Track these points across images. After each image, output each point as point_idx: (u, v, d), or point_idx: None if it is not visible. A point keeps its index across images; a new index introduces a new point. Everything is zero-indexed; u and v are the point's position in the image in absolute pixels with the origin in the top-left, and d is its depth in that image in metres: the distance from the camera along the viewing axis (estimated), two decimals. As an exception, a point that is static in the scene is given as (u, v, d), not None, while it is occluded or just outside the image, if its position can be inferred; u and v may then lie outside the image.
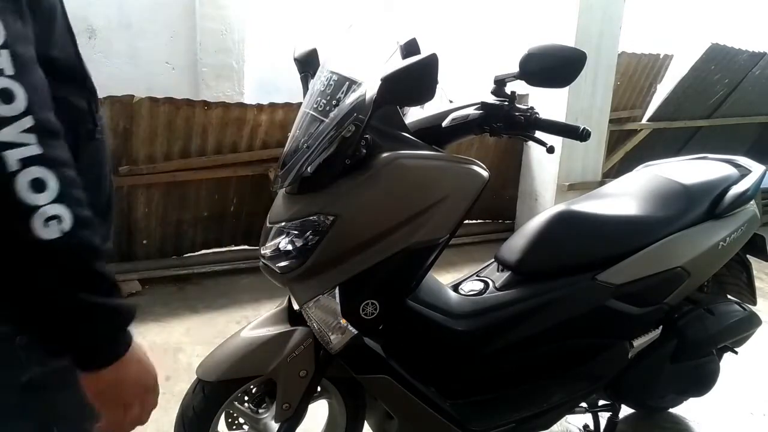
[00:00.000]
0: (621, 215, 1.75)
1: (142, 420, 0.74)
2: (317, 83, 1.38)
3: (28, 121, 0.60)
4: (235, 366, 1.42)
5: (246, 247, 3.56)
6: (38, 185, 0.60)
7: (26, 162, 0.59)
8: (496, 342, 1.58)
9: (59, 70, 0.71)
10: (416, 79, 1.20)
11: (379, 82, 1.17)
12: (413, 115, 1.53)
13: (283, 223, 1.36)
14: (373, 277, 1.33)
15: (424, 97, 1.24)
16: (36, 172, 0.60)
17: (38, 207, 0.60)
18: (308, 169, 1.28)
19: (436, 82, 1.20)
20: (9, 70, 0.60)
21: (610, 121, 4.20)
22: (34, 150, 0.60)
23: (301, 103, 1.44)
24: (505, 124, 1.41)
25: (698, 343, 1.83)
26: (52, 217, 0.60)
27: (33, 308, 0.63)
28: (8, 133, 0.59)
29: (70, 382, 0.71)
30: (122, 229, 3.13)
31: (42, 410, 0.75)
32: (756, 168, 1.94)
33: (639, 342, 1.75)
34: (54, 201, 0.61)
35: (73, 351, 0.67)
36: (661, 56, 4.37)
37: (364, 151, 1.29)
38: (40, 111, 0.61)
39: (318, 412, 1.68)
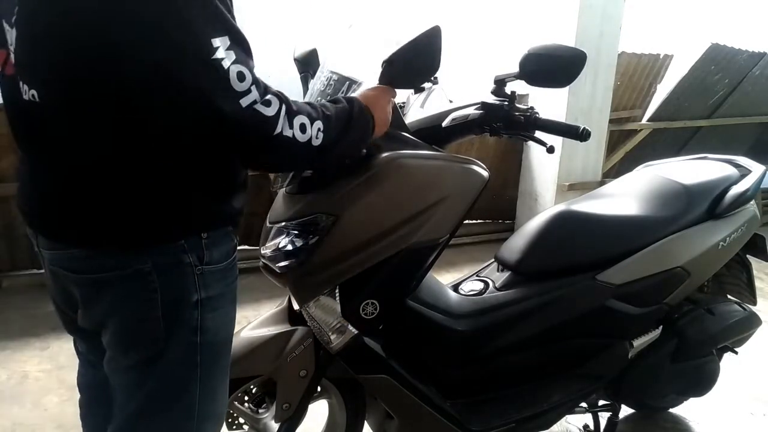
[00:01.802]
0: (621, 215, 1.75)
1: (388, 123, 1.20)
2: (317, 83, 1.38)
3: (276, 101, 0.91)
4: (235, 366, 1.41)
5: (246, 247, 3.56)
6: (302, 128, 0.94)
7: (287, 116, 0.92)
8: (496, 342, 1.58)
9: None
10: (421, 53, 1.18)
11: (382, 66, 1.17)
12: (413, 115, 1.53)
13: (283, 223, 1.36)
14: (373, 277, 1.32)
15: (428, 71, 1.23)
16: (298, 120, 0.94)
17: (310, 139, 0.95)
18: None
19: (440, 54, 1.19)
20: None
21: (610, 121, 4.20)
22: (284, 110, 0.91)
23: (301, 103, 1.44)
24: (505, 124, 1.40)
25: (698, 343, 1.83)
26: (317, 132, 0.96)
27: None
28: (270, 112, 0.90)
29: (219, 307, 1.06)
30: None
31: (196, 321, 1.03)
32: (756, 168, 1.94)
33: (639, 342, 1.75)
34: (311, 126, 0.95)
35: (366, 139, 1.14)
36: (661, 56, 4.37)
37: (364, 150, 1.29)
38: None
39: (318, 412, 1.68)
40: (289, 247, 1.32)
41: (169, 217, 0.98)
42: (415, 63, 1.19)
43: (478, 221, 4.30)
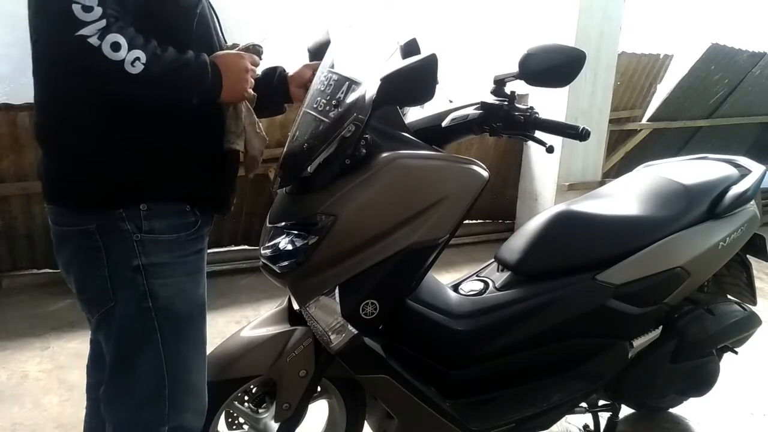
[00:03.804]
0: (621, 215, 1.75)
1: (244, 90, 1.16)
2: (317, 83, 1.38)
3: (98, 11, 0.92)
4: (235, 366, 1.42)
5: (246, 247, 3.56)
6: (114, 46, 0.93)
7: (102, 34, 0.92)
8: (496, 342, 1.58)
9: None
10: (416, 79, 1.20)
11: (379, 82, 1.17)
12: (413, 115, 1.53)
13: (283, 223, 1.36)
14: (373, 277, 1.32)
15: (423, 97, 1.24)
16: (112, 37, 0.93)
17: (123, 61, 0.94)
18: (308, 169, 1.28)
19: (435, 82, 1.20)
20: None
21: (610, 121, 4.20)
22: (102, 24, 0.92)
23: (300, 103, 1.44)
24: (504, 124, 1.41)
25: (698, 343, 1.83)
26: (134, 59, 0.95)
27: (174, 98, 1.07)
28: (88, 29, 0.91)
29: (168, 276, 1.14)
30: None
31: (143, 286, 1.12)
32: (756, 168, 1.94)
33: (639, 342, 1.75)
34: (128, 50, 0.94)
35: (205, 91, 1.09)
36: (661, 56, 4.37)
37: (364, 151, 1.28)
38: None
39: (318, 412, 1.68)
40: (289, 247, 1.32)
41: (106, 185, 1.10)
42: (410, 89, 1.21)
43: (478, 221, 4.30)
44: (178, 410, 1.18)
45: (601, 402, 1.86)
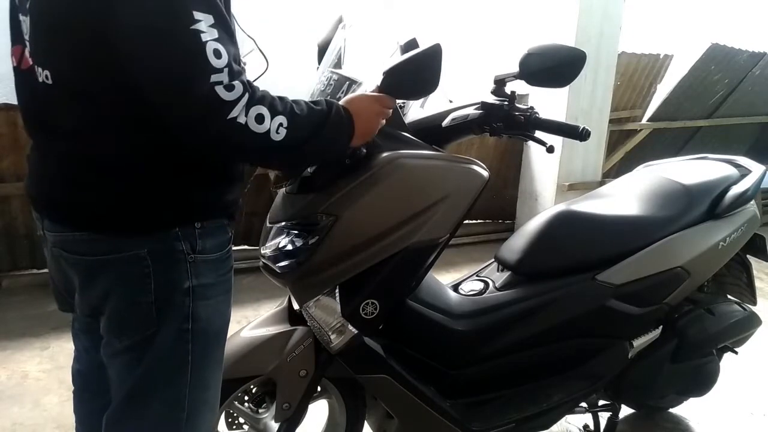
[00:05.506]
0: (621, 215, 1.75)
1: (371, 135, 1.19)
2: (317, 83, 1.38)
3: (239, 87, 0.89)
4: (235, 366, 1.42)
5: (246, 247, 3.56)
6: (258, 118, 0.92)
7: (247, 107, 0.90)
8: (496, 342, 1.58)
9: None
10: (421, 68, 1.18)
11: (382, 76, 1.17)
12: (413, 114, 1.53)
13: (283, 223, 1.36)
14: (373, 277, 1.32)
15: (428, 88, 1.22)
16: (255, 110, 0.91)
17: (268, 132, 0.93)
18: (308, 168, 1.28)
19: (440, 71, 1.19)
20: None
21: (610, 121, 4.20)
22: (245, 99, 0.90)
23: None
24: (505, 124, 1.40)
25: (698, 343, 1.83)
26: (277, 127, 0.94)
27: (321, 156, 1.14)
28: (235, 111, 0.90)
29: (212, 296, 1.09)
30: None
31: (188, 308, 1.06)
32: (756, 168, 1.94)
33: (639, 342, 1.75)
34: (270, 119, 0.93)
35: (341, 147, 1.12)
36: (661, 56, 4.37)
37: (364, 150, 1.29)
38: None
39: (318, 412, 1.68)
40: (289, 247, 1.32)
41: (164, 205, 1.02)
42: (414, 80, 1.19)
43: (478, 221, 4.30)
44: (192, 427, 1.13)
45: (601, 402, 1.86)
